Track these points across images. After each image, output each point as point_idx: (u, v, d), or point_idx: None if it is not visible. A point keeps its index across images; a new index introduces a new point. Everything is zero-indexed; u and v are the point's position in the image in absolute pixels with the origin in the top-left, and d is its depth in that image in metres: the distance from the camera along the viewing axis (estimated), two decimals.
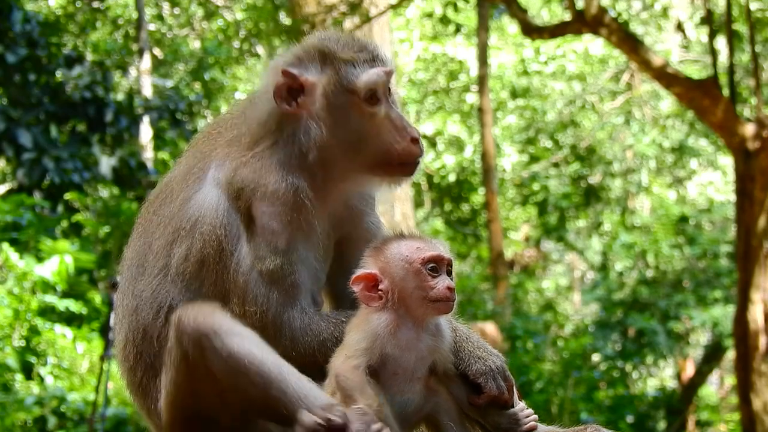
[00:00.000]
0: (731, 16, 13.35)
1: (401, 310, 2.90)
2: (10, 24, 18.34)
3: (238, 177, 3.09)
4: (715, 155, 23.31)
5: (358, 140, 3.13)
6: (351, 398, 2.76)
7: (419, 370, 2.90)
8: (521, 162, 24.64)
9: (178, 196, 3.16)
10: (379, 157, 3.15)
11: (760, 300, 12.25)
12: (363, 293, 2.92)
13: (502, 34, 25.19)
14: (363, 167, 3.17)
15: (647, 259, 21.48)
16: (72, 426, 12.19)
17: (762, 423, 12.14)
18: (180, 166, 3.28)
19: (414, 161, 3.18)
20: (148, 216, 3.26)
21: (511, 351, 15.84)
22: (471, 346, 3.02)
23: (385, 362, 2.86)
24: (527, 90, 24.03)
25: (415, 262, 2.91)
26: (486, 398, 2.96)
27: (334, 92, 3.12)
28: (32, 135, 18.02)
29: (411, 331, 2.90)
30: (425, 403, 2.94)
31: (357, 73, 3.13)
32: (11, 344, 13.00)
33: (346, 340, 2.90)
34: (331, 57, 3.16)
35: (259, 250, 3.04)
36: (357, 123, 3.13)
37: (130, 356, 3.13)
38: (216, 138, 3.27)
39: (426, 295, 2.89)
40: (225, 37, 27.04)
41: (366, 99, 3.13)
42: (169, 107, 20.15)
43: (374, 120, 3.14)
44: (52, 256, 14.61)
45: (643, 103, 23.81)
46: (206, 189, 3.11)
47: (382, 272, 2.92)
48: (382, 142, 3.14)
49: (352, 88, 3.12)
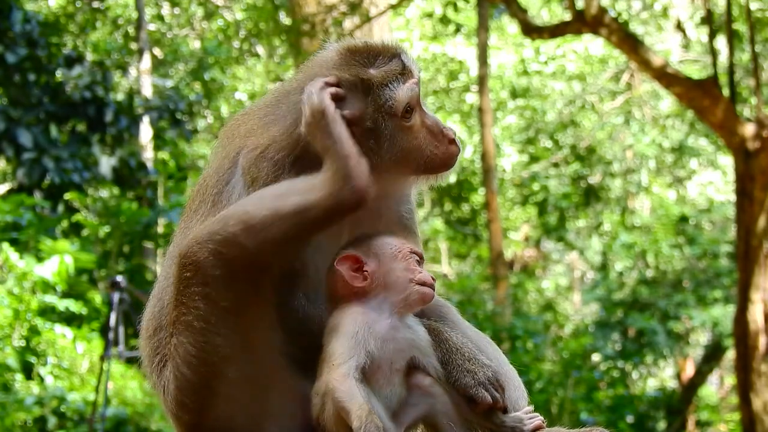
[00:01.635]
0: (731, 16, 13.36)
1: (381, 295, 2.93)
2: (10, 24, 18.35)
3: (255, 167, 3.10)
4: (715, 155, 23.31)
5: (400, 155, 3.12)
6: (343, 410, 2.76)
7: (398, 362, 2.91)
8: (521, 162, 24.65)
9: (211, 192, 3.19)
10: (421, 165, 3.17)
11: (760, 300, 12.26)
12: (348, 273, 2.94)
13: (502, 34, 25.19)
14: (404, 174, 3.20)
15: (647, 259, 21.49)
16: (72, 426, 12.19)
17: (762, 423, 12.14)
18: (213, 160, 3.31)
19: (453, 160, 3.22)
20: (189, 213, 3.27)
21: (511, 351, 15.83)
22: (461, 358, 3.00)
23: (369, 359, 2.87)
24: (527, 90, 24.03)
25: (405, 248, 3.01)
26: (482, 409, 2.95)
27: (373, 119, 3.09)
28: (32, 135, 18.03)
29: (387, 321, 2.92)
30: (417, 403, 2.94)
31: (392, 94, 3.10)
32: (11, 344, 13.00)
33: (326, 350, 2.88)
34: (368, 83, 3.09)
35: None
36: (396, 139, 3.12)
37: (150, 328, 3.16)
38: (247, 126, 3.25)
39: (413, 277, 2.96)
40: (225, 37, 27.04)
41: (403, 115, 3.12)
42: (169, 107, 20.16)
43: (412, 131, 3.14)
44: (52, 256, 14.62)
45: (643, 103, 23.82)
46: (234, 180, 3.15)
47: (366, 254, 2.97)
48: (422, 152, 3.15)
49: (391, 112, 3.09)
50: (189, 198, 3.35)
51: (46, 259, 14.61)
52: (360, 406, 2.74)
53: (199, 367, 2.92)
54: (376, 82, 3.09)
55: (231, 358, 2.90)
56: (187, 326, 2.91)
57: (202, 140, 25.76)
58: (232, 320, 2.88)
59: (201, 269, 2.87)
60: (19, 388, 12.57)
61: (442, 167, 3.21)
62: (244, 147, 3.18)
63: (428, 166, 3.18)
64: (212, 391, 2.94)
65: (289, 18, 16.37)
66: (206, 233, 2.88)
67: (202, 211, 3.18)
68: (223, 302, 2.86)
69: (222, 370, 2.91)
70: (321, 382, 2.87)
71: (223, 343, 2.89)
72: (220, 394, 2.94)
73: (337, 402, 2.78)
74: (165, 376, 3.05)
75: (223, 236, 2.85)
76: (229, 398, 2.94)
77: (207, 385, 2.93)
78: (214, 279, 2.86)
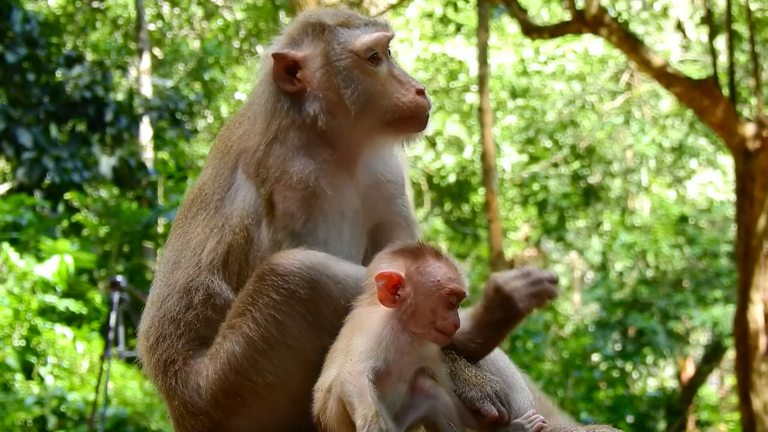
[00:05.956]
0: (731, 16, 13.36)
1: (405, 318, 2.93)
2: (10, 24, 18.34)
3: (263, 167, 3.17)
4: (715, 155, 23.31)
5: (366, 100, 3.19)
6: (350, 405, 2.75)
7: (407, 373, 2.92)
8: (521, 162, 24.63)
9: (213, 199, 3.25)
10: (388, 113, 3.21)
11: (760, 300, 12.26)
12: (383, 291, 2.93)
13: (502, 34, 25.17)
14: (375, 127, 3.23)
15: (647, 259, 21.49)
16: (72, 426, 12.19)
17: (762, 423, 12.14)
18: (208, 168, 3.36)
19: (423, 113, 3.24)
20: (186, 220, 3.31)
21: (511, 351, 15.83)
22: (469, 374, 3.04)
23: (384, 365, 2.87)
24: (527, 90, 24.01)
25: (444, 290, 2.93)
26: (488, 422, 2.99)
27: (334, 57, 3.20)
28: (32, 135, 18.02)
29: (409, 338, 2.93)
30: (418, 405, 2.94)
31: (354, 34, 3.22)
32: (11, 344, 12.99)
33: (346, 343, 2.89)
34: (321, 27, 3.24)
35: (277, 234, 3.12)
36: (361, 82, 3.20)
37: (151, 337, 3.20)
38: (231, 134, 3.34)
39: (435, 321, 2.92)
40: (225, 37, 27.04)
41: (368, 59, 3.20)
42: (169, 107, 20.15)
43: (378, 78, 3.21)
44: (52, 256, 14.62)
45: (642, 103, 23.81)
46: (236, 185, 3.21)
47: (408, 279, 2.94)
48: (389, 98, 3.21)
49: (351, 48, 3.20)
50: (183, 205, 3.38)
51: (46, 259, 14.61)
52: (368, 406, 2.74)
53: (236, 377, 3.01)
54: (331, 24, 3.22)
55: (271, 385, 3.00)
56: (246, 340, 2.99)
57: (202, 140, 25.75)
58: (289, 354, 2.99)
59: (293, 298, 2.97)
60: (19, 388, 12.57)
61: (410, 118, 3.23)
62: (242, 152, 3.24)
63: (396, 116, 3.21)
64: (242, 401, 3.03)
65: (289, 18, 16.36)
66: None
67: (202, 217, 3.24)
68: (290, 340, 2.97)
69: (256, 389, 3.01)
70: (326, 377, 2.86)
71: (269, 370, 2.99)
72: (247, 406, 3.03)
73: (345, 396, 2.77)
74: (180, 378, 3.11)
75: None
76: (253, 412, 3.04)
77: (238, 394, 3.02)
78: (301, 312, 2.97)
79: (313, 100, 3.21)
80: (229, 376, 3.01)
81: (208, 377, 3.05)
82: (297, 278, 2.95)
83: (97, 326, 14.84)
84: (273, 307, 2.97)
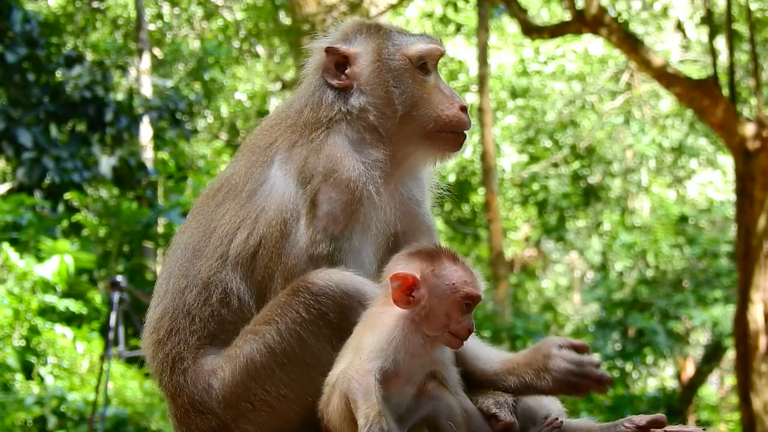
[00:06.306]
0: (731, 16, 13.36)
1: (418, 320, 2.92)
2: (10, 24, 18.33)
3: (310, 164, 3.16)
4: (715, 155, 23.31)
5: (412, 104, 3.24)
6: (354, 403, 2.74)
7: (418, 376, 2.91)
8: (521, 162, 24.64)
9: (244, 189, 3.21)
10: (431, 123, 3.25)
11: (760, 300, 12.26)
12: (397, 292, 2.91)
13: (502, 34, 25.17)
14: (416, 135, 3.25)
15: (647, 259, 21.49)
16: (72, 426, 12.19)
17: (762, 423, 12.14)
18: (239, 161, 3.32)
19: (462, 129, 3.28)
20: (209, 208, 3.27)
21: (511, 351, 15.82)
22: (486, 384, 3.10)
23: (393, 366, 2.86)
24: (527, 90, 24.02)
25: (459, 294, 2.93)
26: (501, 427, 3.01)
27: (387, 56, 3.25)
28: (32, 135, 18.02)
29: (422, 340, 2.92)
30: (421, 406, 2.94)
31: (410, 40, 3.29)
32: (11, 344, 13.00)
33: (357, 341, 2.88)
34: (377, 27, 3.31)
35: (316, 234, 3.10)
36: (409, 87, 3.24)
37: (161, 330, 3.16)
38: (273, 130, 3.32)
39: (449, 325, 2.91)
40: (225, 37, 27.03)
41: (418, 67, 3.26)
42: (169, 107, 20.14)
43: (426, 87, 3.27)
44: (52, 256, 14.62)
45: (642, 103, 23.81)
46: (273, 179, 3.18)
47: (423, 281, 2.92)
48: (434, 108, 3.25)
49: (405, 52, 3.25)
50: (205, 194, 3.33)
51: (46, 259, 14.61)
52: (372, 405, 2.72)
53: (252, 383, 3.02)
54: (388, 28, 3.29)
55: (284, 396, 3.02)
56: (268, 350, 3.00)
57: (202, 140, 25.75)
58: (306, 372, 3.00)
59: (322, 319, 2.98)
60: (19, 388, 12.57)
61: (450, 135, 3.27)
62: (284, 146, 3.22)
63: (438, 127, 3.25)
64: (252, 407, 3.04)
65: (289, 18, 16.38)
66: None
67: (231, 205, 3.20)
68: (310, 359, 2.99)
69: (269, 398, 3.02)
70: (334, 372, 2.86)
71: (285, 383, 3.01)
72: (257, 413, 3.04)
73: (350, 393, 2.75)
74: (190, 376, 3.10)
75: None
76: (261, 419, 3.05)
77: (250, 400, 3.04)
78: (327, 334, 2.99)
79: (360, 94, 3.24)
80: (244, 381, 3.01)
81: (224, 379, 3.05)
82: (329, 301, 2.96)
83: (97, 326, 14.84)
84: (300, 324, 2.97)
